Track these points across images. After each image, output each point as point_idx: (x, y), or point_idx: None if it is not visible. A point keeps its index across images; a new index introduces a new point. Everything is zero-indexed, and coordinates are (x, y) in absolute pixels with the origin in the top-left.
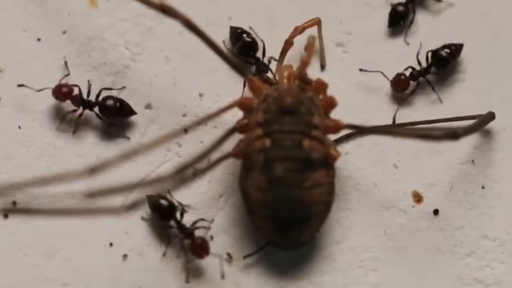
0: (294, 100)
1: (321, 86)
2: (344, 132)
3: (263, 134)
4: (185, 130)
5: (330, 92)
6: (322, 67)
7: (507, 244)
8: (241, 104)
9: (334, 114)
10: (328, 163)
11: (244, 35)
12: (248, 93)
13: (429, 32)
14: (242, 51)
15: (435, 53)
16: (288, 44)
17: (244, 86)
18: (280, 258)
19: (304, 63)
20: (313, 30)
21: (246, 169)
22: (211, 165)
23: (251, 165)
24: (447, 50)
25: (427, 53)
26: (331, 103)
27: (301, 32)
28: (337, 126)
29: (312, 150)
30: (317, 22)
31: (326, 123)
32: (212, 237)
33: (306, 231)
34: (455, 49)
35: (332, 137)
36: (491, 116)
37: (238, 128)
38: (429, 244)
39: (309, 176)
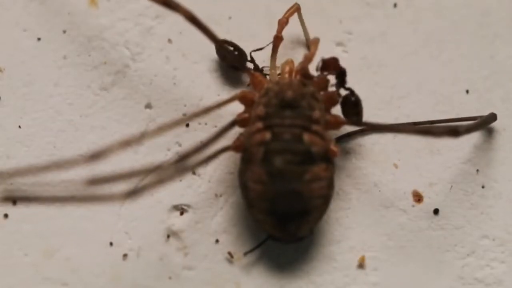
0: (295, 94)
1: (323, 82)
2: (345, 130)
3: (263, 128)
4: (187, 125)
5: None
6: (308, 47)
7: (507, 244)
8: (242, 97)
9: (334, 113)
10: (327, 157)
11: (231, 49)
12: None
13: (430, 30)
14: (234, 64)
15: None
16: (277, 39)
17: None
18: (280, 258)
19: (307, 59)
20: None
21: (246, 162)
22: (211, 158)
23: (251, 158)
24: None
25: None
26: (332, 99)
27: (286, 23)
28: (337, 122)
29: (312, 144)
30: (297, 9)
31: (327, 118)
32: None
33: (304, 224)
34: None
35: (334, 136)
36: (492, 117)
37: (238, 121)
38: (429, 243)
39: (308, 169)
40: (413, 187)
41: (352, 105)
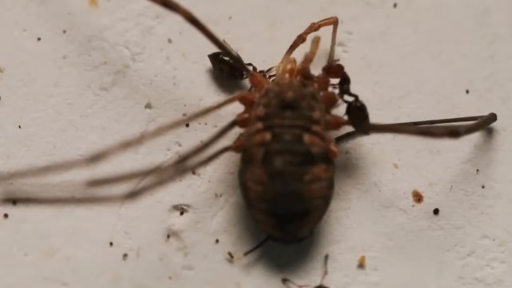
0: (295, 94)
1: (323, 82)
2: (345, 130)
3: (263, 128)
4: (187, 125)
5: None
6: (330, 62)
7: (507, 244)
8: (242, 98)
9: (334, 113)
10: (328, 158)
11: (226, 58)
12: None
13: (430, 30)
14: (232, 73)
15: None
16: (300, 39)
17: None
18: (280, 258)
19: (307, 59)
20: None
21: (246, 163)
22: (211, 158)
23: (251, 159)
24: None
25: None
26: (331, 99)
27: (316, 29)
28: (337, 122)
29: (312, 145)
30: (334, 22)
31: (327, 118)
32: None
33: (304, 225)
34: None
35: (335, 136)
36: (492, 117)
37: (238, 122)
38: (429, 243)
39: (308, 170)
40: (413, 187)
41: (358, 111)
